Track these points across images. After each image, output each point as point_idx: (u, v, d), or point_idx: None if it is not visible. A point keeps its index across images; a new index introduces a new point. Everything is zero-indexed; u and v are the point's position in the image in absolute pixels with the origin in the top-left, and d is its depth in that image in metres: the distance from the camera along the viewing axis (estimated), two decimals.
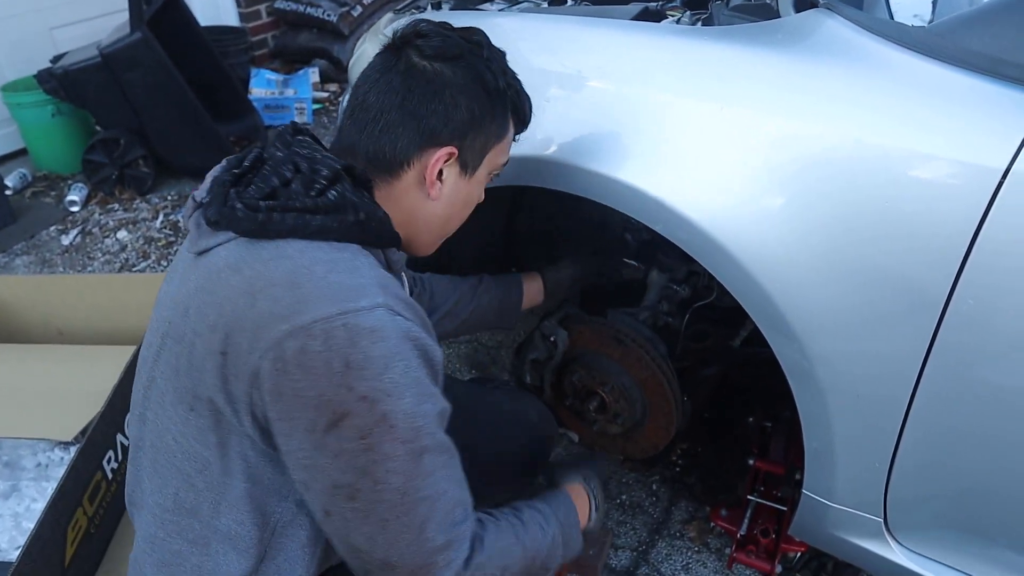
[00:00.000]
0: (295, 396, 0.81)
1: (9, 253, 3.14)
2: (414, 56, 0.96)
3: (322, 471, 0.84)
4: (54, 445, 1.64)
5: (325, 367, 0.79)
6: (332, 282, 0.82)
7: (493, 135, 1.02)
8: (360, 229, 0.88)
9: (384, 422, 0.82)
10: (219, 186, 0.90)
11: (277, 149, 0.93)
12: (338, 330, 0.79)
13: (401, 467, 0.84)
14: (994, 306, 0.98)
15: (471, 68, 0.97)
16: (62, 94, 3.30)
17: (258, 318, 0.81)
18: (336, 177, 0.89)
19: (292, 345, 0.79)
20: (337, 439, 0.82)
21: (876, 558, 1.28)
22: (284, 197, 0.86)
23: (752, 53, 1.18)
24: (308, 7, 4.59)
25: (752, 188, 1.10)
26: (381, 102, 0.95)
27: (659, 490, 1.92)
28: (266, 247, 0.85)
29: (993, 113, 0.99)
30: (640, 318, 1.64)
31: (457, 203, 1.04)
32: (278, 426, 0.84)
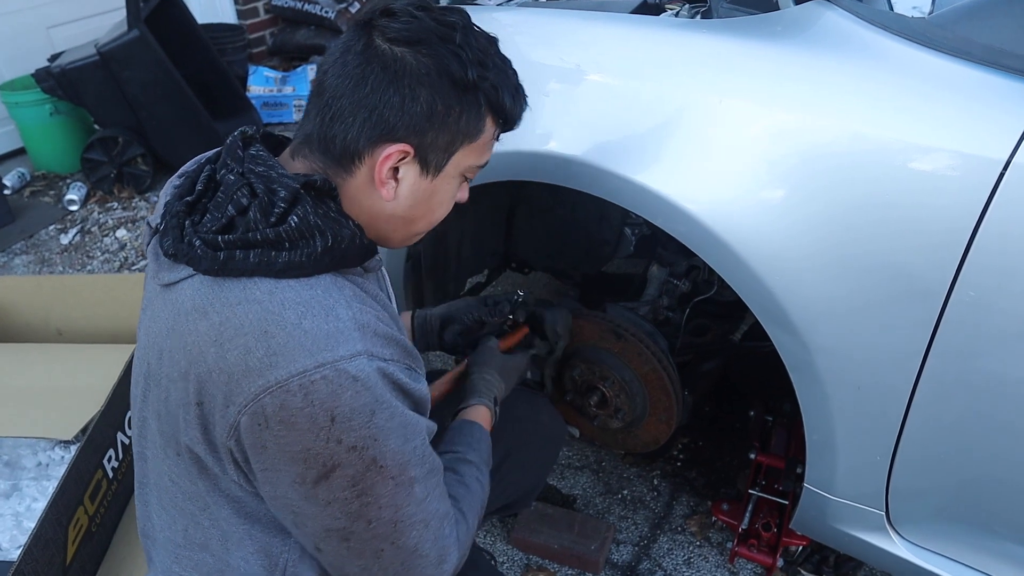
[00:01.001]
0: (280, 451, 0.78)
1: (8, 252, 3.14)
2: (376, 37, 0.83)
3: (313, 518, 0.83)
4: (54, 444, 1.64)
5: (310, 422, 0.76)
6: (306, 330, 0.76)
7: (461, 133, 0.87)
8: (330, 257, 0.81)
9: (374, 465, 0.80)
10: (172, 216, 0.84)
11: (228, 169, 0.84)
12: (318, 383, 0.75)
13: (392, 501, 0.83)
14: (995, 298, 0.98)
15: (436, 56, 0.83)
16: (60, 93, 3.30)
17: (230, 370, 0.77)
18: (295, 198, 0.80)
19: (271, 402, 0.75)
20: (328, 490, 0.80)
21: (878, 551, 1.28)
22: (242, 228, 0.79)
23: (751, 45, 1.17)
24: (306, 4, 4.58)
25: (751, 181, 1.09)
26: (335, 86, 0.83)
27: (660, 484, 1.92)
28: (232, 288, 0.79)
29: (994, 104, 0.98)
30: (640, 312, 1.64)
31: (419, 204, 0.91)
32: (262, 476, 0.81)
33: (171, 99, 3.27)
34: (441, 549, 0.90)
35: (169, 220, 0.84)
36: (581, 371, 1.64)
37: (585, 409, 1.68)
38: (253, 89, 4.29)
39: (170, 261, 0.84)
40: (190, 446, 0.84)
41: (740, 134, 1.11)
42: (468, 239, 1.75)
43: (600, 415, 1.67)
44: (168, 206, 0.87)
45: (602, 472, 1.96)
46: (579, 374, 1.64)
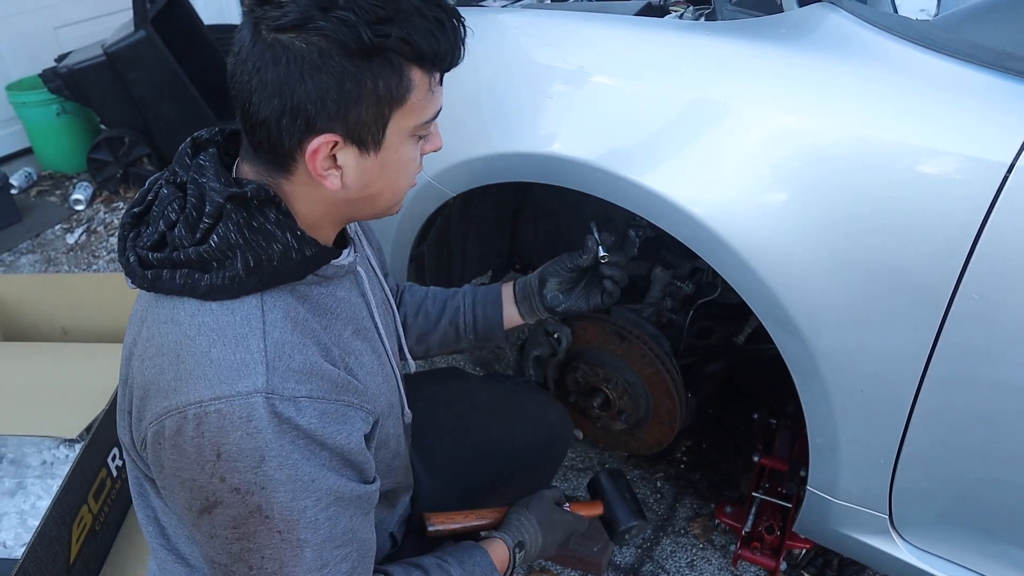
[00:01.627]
0: (172, 473, 0.78)
1: (14, 252, 3.15)
2: (262, 30, 0.74)
3: (201, 545, 0.83)
4: (59, 443, 1.65)
5: (197, 453, 0.75)
6: (212, 359, 0.74)
7: (385, 99, 0.78)
8: (256, 279, 0.77)
9: (258, 513, 0.76)
10: (120, 227, 0.84)
11: (172, 179, 0.82)
12: (211, 416, 0.73)
13: (277, 555, 0.78)
14: (999, 301, 0.98)
15: (323, 31, 0.73)
16: (66, 93, 3.31)
17: (146, 385, 0.78)
18: (220, 213, 0.77)
19: (169, 424, 0.75)
20: (210, 524, 0.78)
21: (881, 555, 1.28)
22: (171, 245, 0.78)
23: (755, 48, 1.17)
24: None
25: (755, 183, 1.09)
26: (240, 91, 0.77)
27: (664, 487, 1.92)
28: (164, 305, 0.79)
29: (998, 107, 0.98)
30: (644, 315, 1.63)
31: (374, 182, 0.83)
32: (164, 492, 0.83)
33: (177, 99, 3.28)
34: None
35: (119, 231, 0.84)
36: (584, 373, 1.63)
37: (588, 411, 1.68)
38: None
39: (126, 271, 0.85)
40: (128, 450, 0.88)
41: (744, 136, 1.11)
42: (472, 240, 1.75)
43: (603, 417, 1.67)
44: (122, 218, 0.86)
45: None
46: (582, 376, 1.64)
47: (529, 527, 1.13)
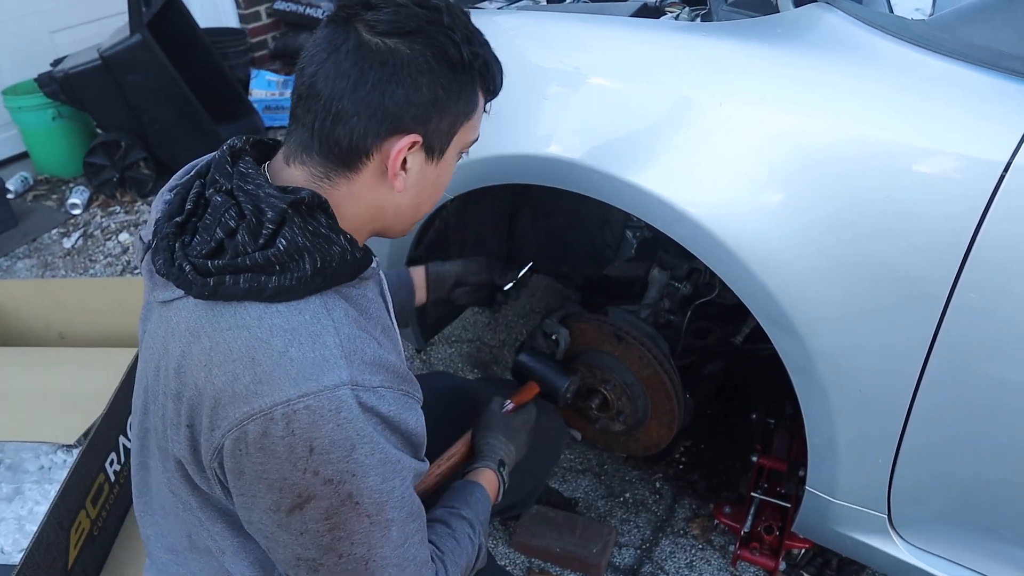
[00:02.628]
0: (257, 477, 0.78)
1: (11, 256, 3.14)
2: (364, 33, 0.81)
3: (285, 546, 0.83)
4: (57, 448, 1.64)
5: (288, 452, 0.76)
6: (292, 358, 0.76)
7: (461, 113, 0.88)
8: (320, 279, 0.80)
9: (349, 501, 0.79)
10: (163, 238, 0.83)
11: (217, 187, 0.83)
12: (300, 413, 0.75)
13: (365, 539, 0.82)
14: (996, 300, 0.98)
15: (432, 42, 0.82)
16: (63, 97, 3.30)
17: (217, 395, 0.77)
18: (283, 219, 0.79)
19: (253, 428, 0.76)
20: (301, 520, 0.80)
21: (880, 554, 1.28)
22: (231, 252, 0.78)
23: (751, 48, 1.17)
24: (308, 8, 4.59)
25: (752, 184, 1.09)
26: (331, 89, 0.81)
27: (663, 488, 1.92)
28: (224, 312, 0.78)
29: (994, 106, 0.98)
30: (641, 315, 1.63)
31: (426, 190, 0.92)
32: (239, 501, 0.82)
33: (173, 103, 3.28)
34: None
35: (159, 241, 0.83)
36: (583, 374, 1.63)
37: (587, 412, 1.68)
38: (255, 93, 4.30)
39: (163, 279, 0.83)
40: (182, 463, 0.85)
41: (740, 137, 1.11)
42: (470, 242, 1.75)
43: (601, 418, 1.67)
44: (158, 224, 0.85)
45: (604, 475, 1.96)
46: (581, 377, 1.64)
47: (498, 444, 1.24)
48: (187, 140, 3.39)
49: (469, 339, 2.49)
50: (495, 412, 1.30)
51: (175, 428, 0.83)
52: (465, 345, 2.46)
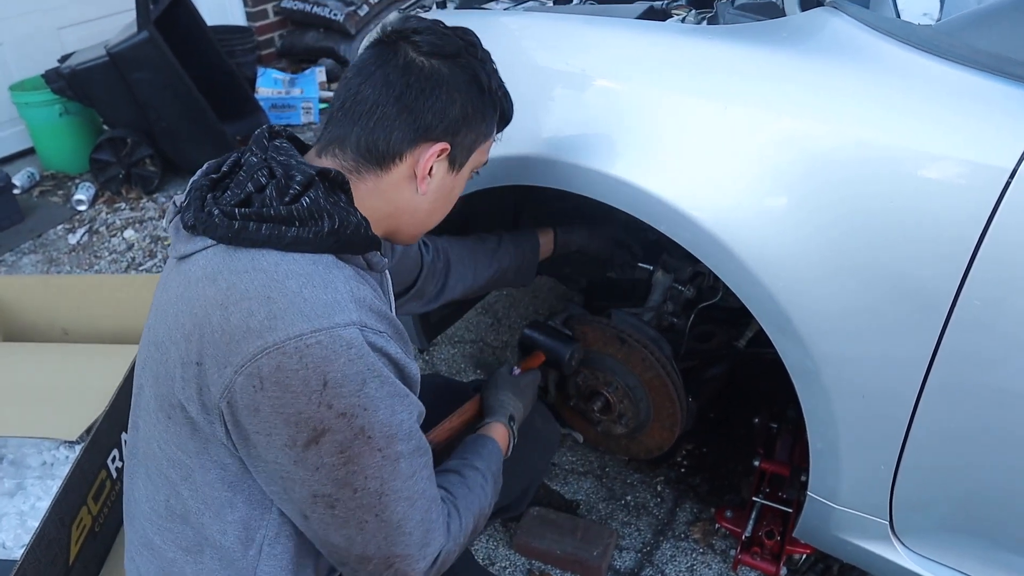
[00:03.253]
0: (273, 412, 0.81)
1: (16, 252, 3.15)
2: (411, 51, 0.95)
3: (301, 483, 0.86)
4: (59, 444, 1.65)
5: (303, 385, 0.80)
6: (306, 297, 0.81)
7: (482, 133, 1.02)
8: (335, 239, 0.87)
9: (362, 434, 0.84)
10: (196, 191, 0.90)
11: (253, 154, 0.92)
12: (313, 348, 0.79)
13: (378, 473, 0.87)
14: (1001, 307, 0.98)
15: (467, 67, 0.97)
16: (69, 93, 3.32)
17: (232, 331, 0.81)
18: (309, 183, 0.87)
19: (267, 363, 0.79)
20: (317, 454, 0.83)
21: (882, 561, 1.27)
22: (258, 203, 0.85)
23: (757, 52, 1.17)
24: (315, 6, 4.60)
25: (756, 187, 1.09)
26: (377, 95, 0.93)
27: (664, 491, 1.92)
28: (241, 257, 0.84)
29: (1001, 112, 0.98)
30: (644, 318, 1.63)
31: (441, 197, 1.04)
32: (255, 439, 0.84)
33: (180, 100, 3.28)
34: (426, 531, 0.94)
35: (192, 194, 0.90)
36: (585, 376, 1.63)
37: (589, 414, 1.67)
38: (262, 91, 4.30)
39: (188, 234, 0.89)
40: (184, 404, 0.87)
41: (745, 140, 1.11)
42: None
43: (604, 421, 1.67)
44: (193, 184, 0.93)
45: (605, 478, 1.96)
46: (583, 379, 1.64)
47: (507, 401, 1.33)
48: (193, 137, 3.40)
49: (472, 340, 2.49)
50: (503, 374, 1.40)
51: (182, 367, 0.85)
52: (468, 346, 2.46)
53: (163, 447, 0.92)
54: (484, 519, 1.11)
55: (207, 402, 0.85)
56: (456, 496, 1.05)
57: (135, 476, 1.00)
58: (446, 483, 1.06)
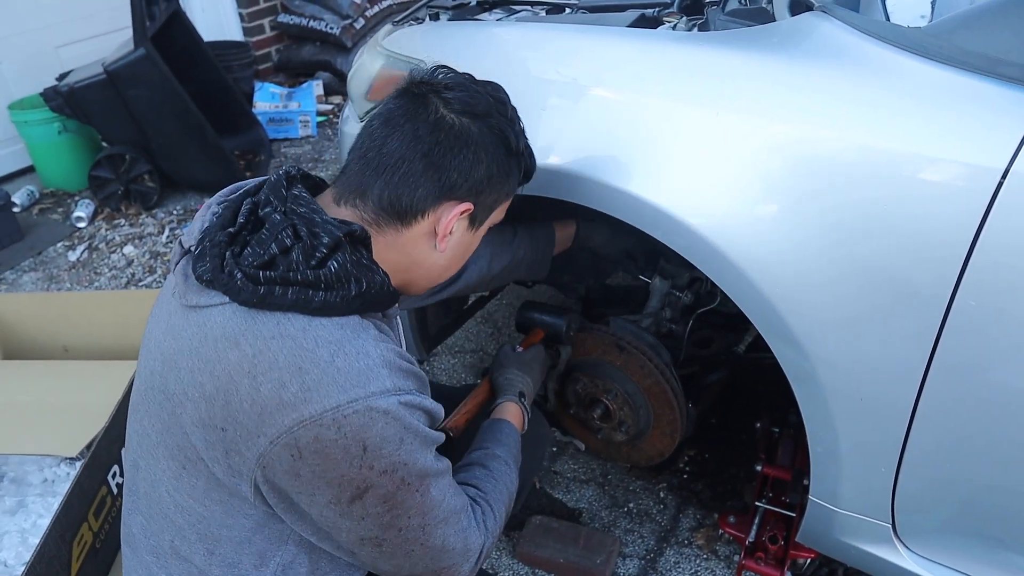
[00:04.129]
0: (314, 477, 0.83)
1: (17, 270, 3.16)
2: (442, 108, 0.94)
3: (348, 531, 0.89)
4: (60, 460, 1.65)
5: (343, 453, 0.82)
6: (339, 367, 0.82)
7: (504, 193, 1.03)
8: (361, 301, 0.87)
9: (403, 484, 0.87)
10: (214, 246, 0.87)
11: (271, 205, 0.89)
12: (351, 418, 0.81)
13: (419, 510, 0.91)
14: (997, 307, 0.97)
15: (496, 127, 0.97)
16: (68, 111, 3.33)
17: (263, 402, 0.81)
18: (336, 245, 0.86)
19: (305, 435, 0.81)
20: (361, 507, 0.87)
21: (886, 564, 1.27)
22: (284, 267, 0.83)
23: (748, 57, 1.18)
24: (311, 20, 4.62)
25: (750, 193, 1.09)
26: (404, 150, 0.92)
27: (666, 497, 1.91)
28: (266, 322, 0.82)
29: (992, 113, 0.98)
30: (643, 325, 1.63)
31: (459, 254, 1.04)
32: (297, 498, 0.87)
33: (177, 116, 3.29)
34: (464, 540, 0.98)
35: (209, 248, 0.87)
36: (584, 384, 1.63)
37: (589, 422, 1.67)
38: (259, 105, 4.32)
39: (201, 285, 0.87)
40: (207, 462, 0.87)
41: (738, 146, 1.11)
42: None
43: (604, 428, 1.66)
44: (208, 232, 0.90)
45: (608, 485, 1.95)
46: (582, 387, 1.64)
47: (516, 378, 1.37)
48: (191, 153, 3.41)
49: (472, 349, 2.49)
50: (507, 351, 1.44)
51: (203, 429, 0.85)
52: (468, 355, 2.46)
53: (172, 494, 0.92)
54: (512, 500, 1.15)
55: (236, 465, 0.85)
56: (486, 492, 1.09)
57: (135, 512, 1.00)
58: (474, 480, 1.10)
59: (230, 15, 4.60)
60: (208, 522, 0.91)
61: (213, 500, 0.90)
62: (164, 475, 0.92)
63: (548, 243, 1.55)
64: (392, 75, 1.55)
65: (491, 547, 1.05)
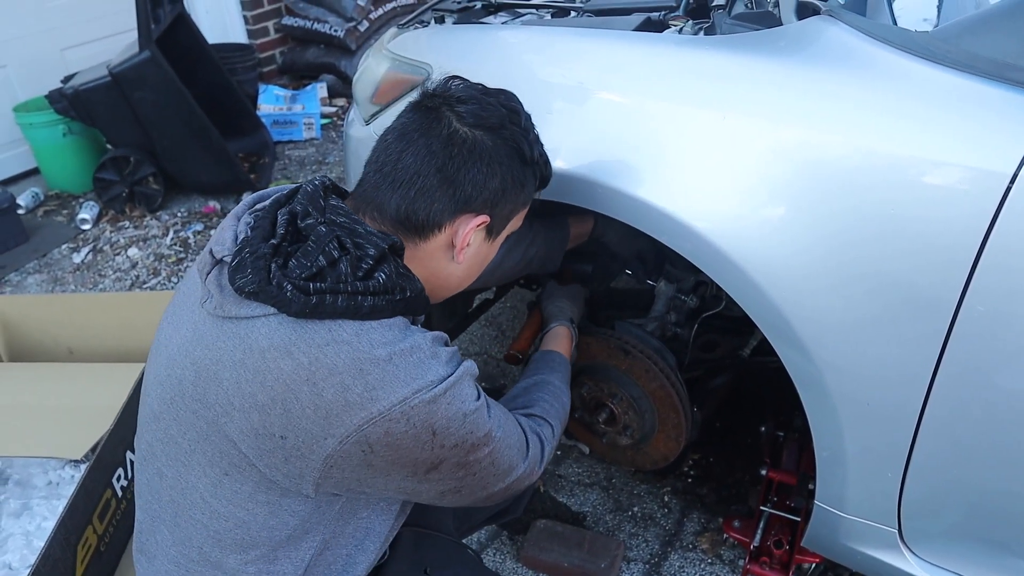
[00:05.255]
0: (388, 464, 0.88)
1: (21, 272, 3.17)
2: (455, 122, 0.95)
3: (427, 492, 0.97)
4: (65, 463, 1.65)
5: (414, 441, 0.87)
6: (397, 364, 0.85)
7: (520, 203, 1.04)
8: (404, 305, 0.90)
9: (473, 447, 0.93)
10: (256, 257, 0.87)
11: (314, 218, 0.90)
12: (417, 408, 0.85)
13: (489, 456, 0.97)
14: (1005, 312, 0.97)
15: (510, 139, 0.98)
16: (73, 114, 3.34)
17: (327, 406, 0.83)
18: (382, 257, 0.89)
19: (374, 431, 0.84)
20: (438, 474, 0.93)
21: (891, 569, 1.26)
22: (332, 279, 0.85)
23: (754, 61, 1.17)
24: (315, 23, 4.63)
25: (756, 197, 1.09)
26: (419, 165, 0.94)
27: (671, 502, 1.91)
28: (317, 330, 0.84)
29: (1000, 118, 0.98)
30: (648, 329, 1.63)
31: (476, 265, 1.06)
32: (371, 483, 0.91)
33: (182, 119, 3.30)
34: (528, 457, 1.06)
35: (251, 260, 0.87)
36: (589, 388, 1.63)
37: (594, 426, 1.67)
38: (263, 108, 4.33)
39: (240, 297, 0.87)
40: (260, 468, 0.88)
41: (745, 150, 1.11)
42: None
43: (609, 432, 1.66)
44: (248, 244, 0.90)
45: (612, 489, 1.95)
46: (587, 391, 1.64)
47: (565, 305, 1.52)
48: (196, 155, 3.41)
49: (476, 352, 2.49)
50: (555, 285, 1.58)
51: (259, 439, 0.86)
52: (473, 358, 2.45)
53: (208, 500, 0.92)
54: (567, 413, 1.27)
55: (298, 469, 0.87)
56: (547, 413, 1.19)
57: (158, 522, 0.99)
58: (533, 401, 1.21)
59: (234, 17, 4.61)
60: (248, 525, 0.92)
61: (258, 503, 0.91)
62: (199, 482, 0.92)
63: (562, 239, 1.56)
64: (397, 78, 1.55)
65: (553, 448, 1.16)
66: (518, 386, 1.28)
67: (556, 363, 1.34)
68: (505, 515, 1.50)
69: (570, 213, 1.55)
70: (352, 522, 0.99)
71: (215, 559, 0.94)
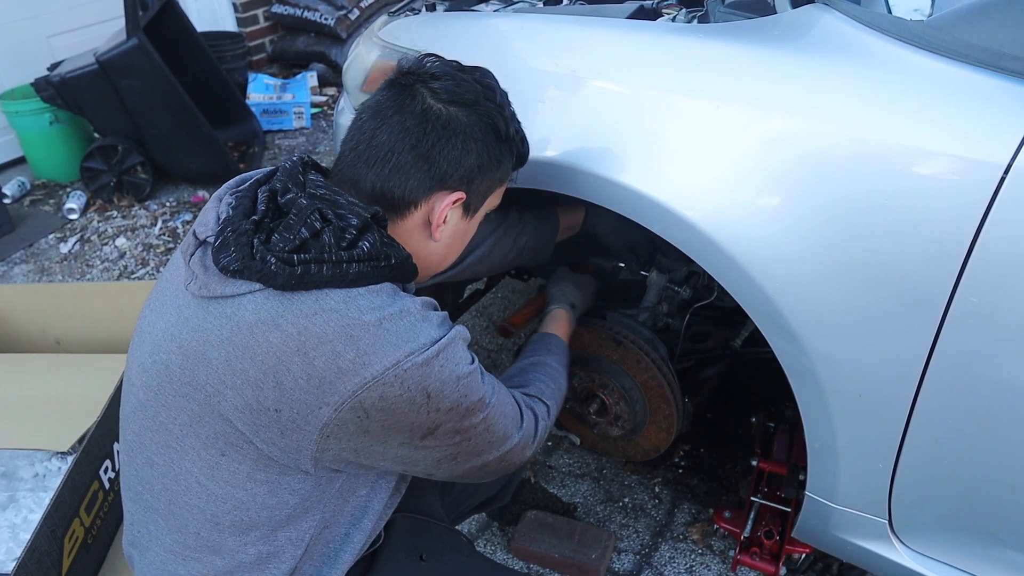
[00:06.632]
0: (385, 429, 0.88)
1: (8, 262, 3.14)
2: (429, 98, 0.95)
3: (424, 460, 0.96)
4: (51, 455, 1.63)
5: (409, 404, 0.86)
6: (387, 328, 0.85)
7: (497, 179, 1.03)
8: (390, 271, 0.90)
9: (468, 412, 0.93)
10: (239, 234, 0.87)
11: (294, 192, 0.90)
12: (411, 371, 0.85)
13: (483, 422, 0.97)
14: (997, 303, 0.97)
15: (485, 115, 0.97)
16: (59, 102, 3.30)
17: (320, 375, 0.83)
18: (366, 227, 0.88)
19: (369, 395, 0.84)
20: (434, 440, 0.93)
21: (881, 560, 1.26)
22: (316, 250, 0.85)
23: (748, 50, 1.16)
24: (305, 11, 4.59)
25: (749, 186, 1.08)
26: (393, 142, 0.93)
27: (662, 492, 1.91)
28: (304, 300, 0.84)
29: (994, 108, 0.97)
30: (639, 319, 1.62)
31: (455, 243, 1.05)
32: (369, 451, 0.91)
33: (170, 107, 3.27)
34: (521, 428, 1.06)
35: (233, 238, 0.87)
36: (580, 379, 1.62)
37: (585, 417, 1.67)
38: (253, 96, 4.29)
39: (224, 276, 0.86)
40: (257, 444, 0.88)
41: (738, 139, 1.10)
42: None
43: (600, 423, 1.66)
44: (229, 223, 0.89)
45: (603, 480, 1.95)
46: (579, 382, 1.63)
47: (568, 290, 1.52)
48: (184, 144, 3.38)
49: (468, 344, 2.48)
50: (565, 269, 1.58)
51: (254, 414, 0.86)
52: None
53: (204, 484, 0.91)
54: (563, 393, 1.27)
55: (295, 442, 0.87)
56: (543, 392, 1.20)
57: (151, 512, 0.98)
58: (530, 380, 1.22)
59: (224, 5, 4.57)
60: (247, 506, 0.91)
61: (257, 482, 0.90)
62: (194, 466, 0.91)
63: (552, 230, 1.55)
64: (388, 66, 1.53)
65: (548, 427, 1.16)
66: (514, 366, 1.28)
67: (553, 345, 1.34)
68: (493, 503, 1.50)
69: (560, 204, 1.55)
70: (351, 500, 0.99)
71: (213, 543, 0.93)
